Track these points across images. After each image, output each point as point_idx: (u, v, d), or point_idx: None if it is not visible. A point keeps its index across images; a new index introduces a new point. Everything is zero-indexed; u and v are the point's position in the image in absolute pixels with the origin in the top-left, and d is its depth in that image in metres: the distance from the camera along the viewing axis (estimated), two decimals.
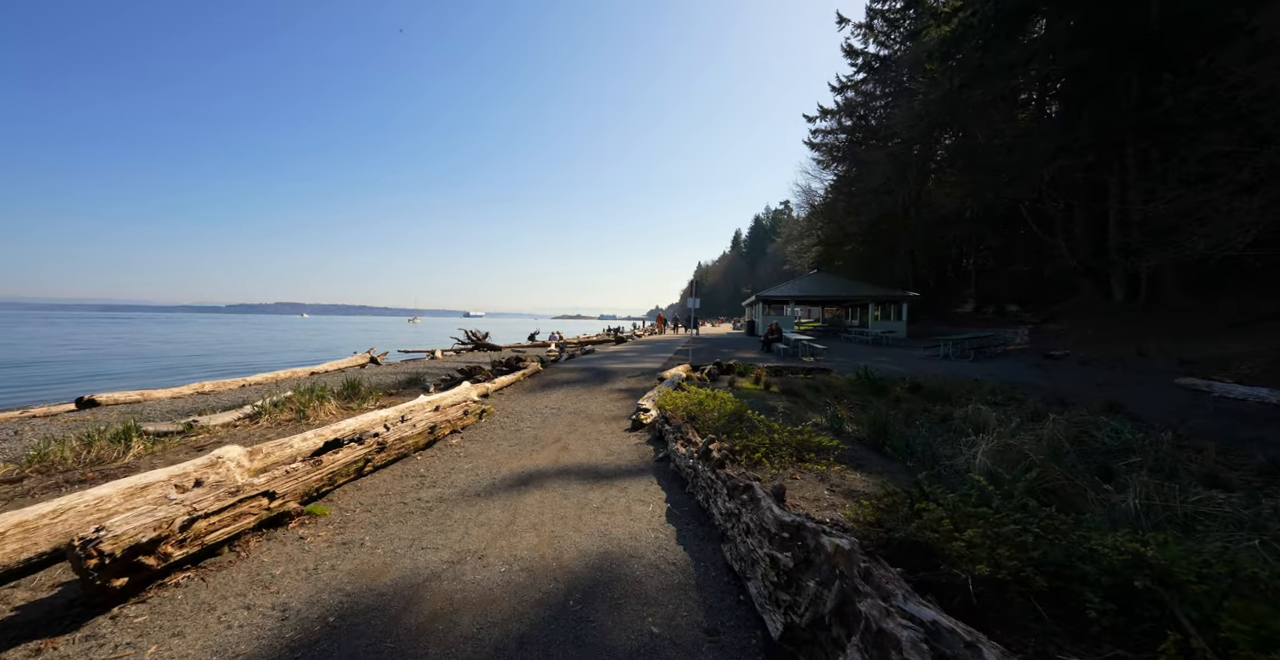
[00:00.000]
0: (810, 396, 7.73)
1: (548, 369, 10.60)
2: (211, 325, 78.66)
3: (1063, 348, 13.25)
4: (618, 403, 7.11)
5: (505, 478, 3.86)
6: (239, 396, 7.44)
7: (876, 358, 13.49)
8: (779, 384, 8.38)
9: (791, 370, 9.84)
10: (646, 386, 8.39)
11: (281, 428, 5.21)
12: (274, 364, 18.56)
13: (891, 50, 35.08)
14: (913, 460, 4.38)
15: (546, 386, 8.46)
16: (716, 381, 8.78)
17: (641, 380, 9.03)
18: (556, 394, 7.76)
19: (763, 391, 7.86)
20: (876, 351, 15.70)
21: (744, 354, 14.95)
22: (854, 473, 3.87)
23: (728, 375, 9.32)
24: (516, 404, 6.98)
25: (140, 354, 21.81)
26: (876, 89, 36.43)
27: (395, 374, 10.52)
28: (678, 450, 3.95)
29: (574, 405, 6.90)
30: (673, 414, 5.25)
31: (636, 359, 12.87)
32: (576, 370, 10.33)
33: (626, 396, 7.54)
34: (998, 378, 9.81)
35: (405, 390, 8.10)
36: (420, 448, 4.49)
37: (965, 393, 8.48)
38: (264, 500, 2.62)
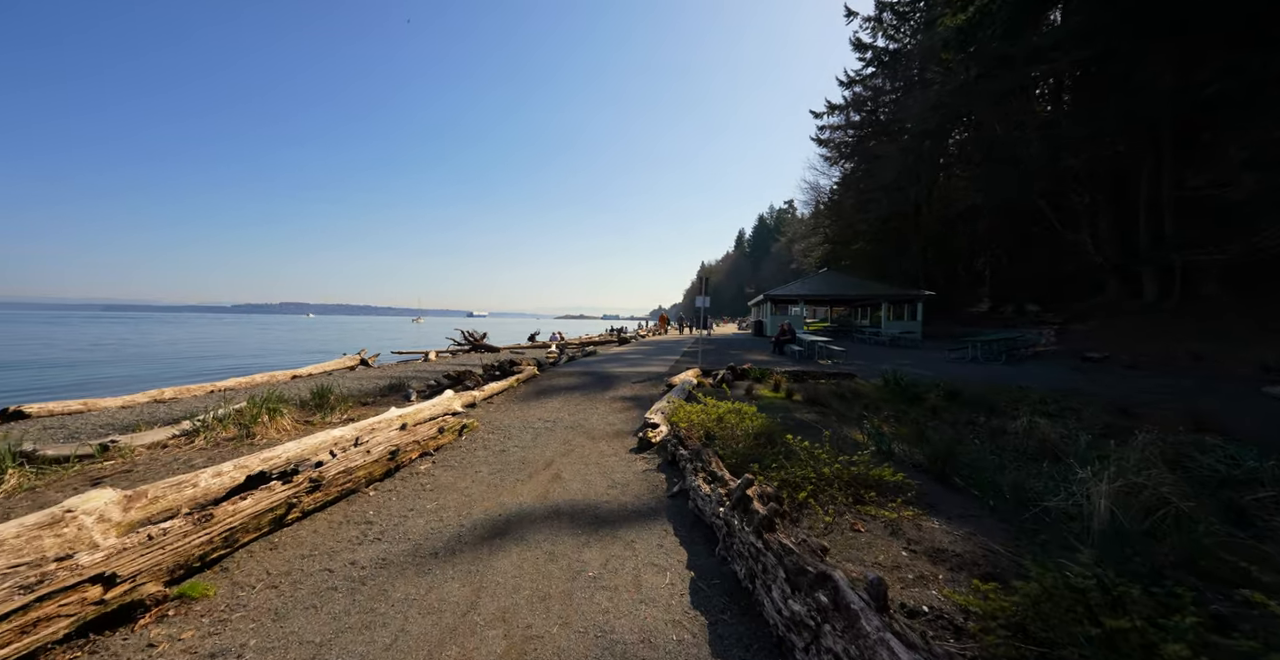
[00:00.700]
0: (839, 406, 6.81)
1: (545, 373, 9.71)
2: (214, 325, 78.20)
3: (1099, 350, 12.27)
4: (621, 414, 6.21)
5: (476, 524, 2.96)
6: (201, 404, 6.59)
7: (898, 360, 12.54)
8: (801, 391, 7.46)
9: (811, 375, 8.92)
10: (653, 394, 7.49)
11: (218, 449, 4.33)
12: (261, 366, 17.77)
13: (901, 44, 34.09)
14: (995, 497, 3.46)
15: (542, 394, 7.57)
16: (731, 388, 7.87)
17: (647, 387, 8.13)
18: (553, 403, 6.87)
19: (785, 401, 6.94)
20: (895, 353, 14.73)
21: (755, 356, 14.03)
22: (930, 519, 2.95)
23: (743, 381, 8.40)
24: (506, 416, 6.09)
25: (119, 357, 20.91)
26: (886, 83, 35.42)
27: (380, 378, 9.67)
28: (699, 488, 3.05)
29: (571, 417, 6.01)
30: (688, 433, 4.34)
31: (641, 362, 11.97)
32: (576, 374, 9.45)
33: (631, 406, 6.64)
34: (1039, 383, 8.85)
35: (383, 398, 7.23)
36: (377, 478, 3.60)
37: (1011, 401, 7.53)
38: (94, 590, 1.74)
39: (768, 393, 7.47)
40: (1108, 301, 19.18)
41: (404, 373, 10.98)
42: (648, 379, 8.93)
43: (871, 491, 3.14)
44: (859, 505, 3.04)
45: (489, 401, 6.96)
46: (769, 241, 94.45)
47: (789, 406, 6.55)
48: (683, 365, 11.01)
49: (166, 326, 63.32)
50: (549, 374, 9.58)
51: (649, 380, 8.75)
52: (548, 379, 8.98)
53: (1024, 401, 7.52)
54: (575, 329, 66.40)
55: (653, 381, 8.61)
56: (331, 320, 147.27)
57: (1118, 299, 18.73)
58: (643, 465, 4.19)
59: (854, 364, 11.58)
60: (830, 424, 5.94)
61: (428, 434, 4.30)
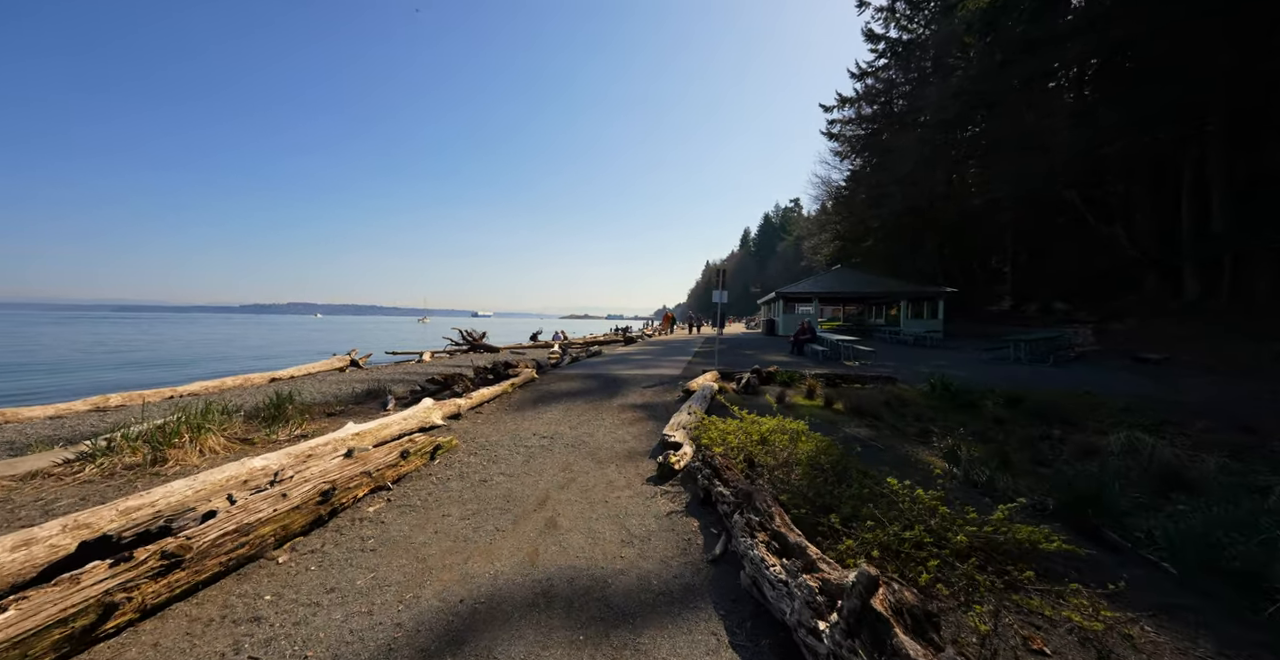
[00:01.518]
0: (890, 418, 5.72)
1: (545, 376, 8.66)
2: (222, 325, 77.79)
3: (1150, 351, 11.10)
4: (633, 427, 5.15)
5: (422, 623, 1.90)
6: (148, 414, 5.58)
7: (930, 361, 11.40)
8: (840, 399, 6.36)
9: (845, 379, 7.82)
10: (668, 402, 6.42)
11: (111, 480, 3.30)
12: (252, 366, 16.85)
13: (915, 34, 32.89)
14: (1180, 561, 2.37)
15: (540, 401, 6.52)
16: (756, 394, 6.78)
17: (661, 392, 7.06)
18: (552, 413, 5.81)
19: (825, 411, 5.86)
20: (924, 354, 13.57)
21: (771, 356, 12.92)
22: (1137, 621, 1.86)
23: (770, 386, 7.31)
24: (496, 429, 5.04)
25: (89, 362, 19.71)
26: (899, 75, 34.17)
27: (364, 381, 8.66)
28: (762, 563, 1.97)
29: (573, 431, 4.95)
30: (725, 462, 3.27)
31: (651, 363, 10.90)
32: (580, 377, 8.39)
33: (644, 417, 5.58)
34: (1102, 388, 7.71)
35: (357, 406, 6.19)
36: (298, 532, 2.55)
37: (1085, 411, 6.41)
38: None
39: (802, 400, 6.37)
40: (1145, 299, 17.90)
41: (392, 375, 9.97)
42: (660, 383, 7.86)
43: (1025, 567, 2.05)
44: (1013, 594, 1.96)
45: (477, 411, 5.91)
46: (775, 240, 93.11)
47: (833, 418, 5.46)
48: (697, 367, 9.93)
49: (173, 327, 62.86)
50: (549, 377, 8.53)
51: (662, 385, 7.68)
52: (547, 383, 7.92)
53: (1100, 411, 6.39)
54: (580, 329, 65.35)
55: (666, 386, 7.54)
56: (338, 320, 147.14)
57: (1156, 296, 17.46)
58: (666, 504, 3.12)
59: (885, 366, 10.45)
60: (886, 440, 4.85)
61: (383, 462, 3.25)
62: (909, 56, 33.01)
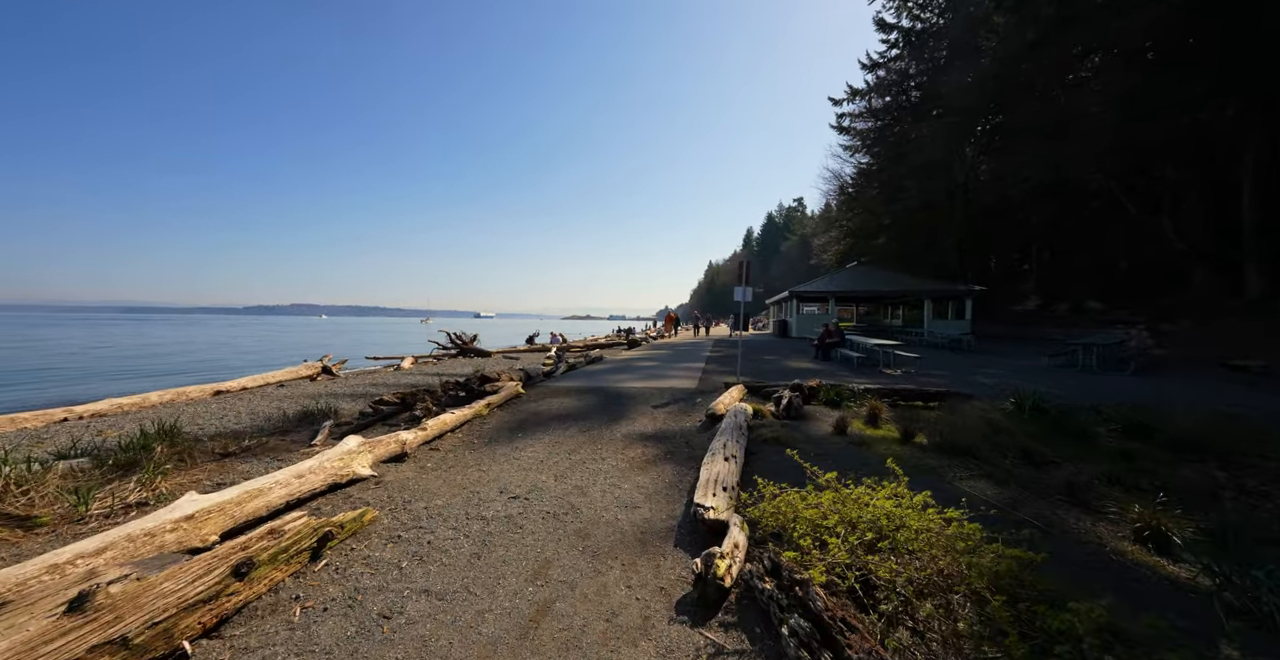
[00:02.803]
0: (987, 454, 4.12)
1: (534, 390, 7.10)
2: (222, 326, 76.39)
3: (1241, 357, 9.47)
4: (645, 475, 3.58)
5: None
6: None
7: (983, 370, 9.79)
8: (912, 425, 4.78)
9: (903, 395, 6.23)
10: (686, 428, 4.86)
11: None
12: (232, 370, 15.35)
13: (927, 23, 31.32)
14: None
15: (522, 429, 4.96)
16: (803, 419, 5.20)
17: (676, 414, 5.50)
18: (533, 449, 4.25)
19: (905, 446, 4.27)
20: (968, 360, 11.89)
21: (794, 363, 11.34)
22: None
23: (814, 404, 5.72)
24: (447, 482, 3.47)
25: (37, 370, 17.73)
26: (912, 66, 32.55)
27: (313, 397, 7.12)
28: None
29: (558, 484, 3.40)
30: (831, 605, 1.70)
31: (659, 371, 9.34)
32: (575, 392, 6.83)
33: (658, 455, 4.02)
34: (1228, 406, 6.09)
35: (276, 438, 4.63)
36: None
37: (1244, 441, 4.80)
38: None
39: (868, 430, 4.79)
40: (1197, 297, 16.21)
41: (355, 387, 8.44)
42: (673, 400, 6.30)
43: None
44: None
45: (433, 446, 4.35)
46: (778, 240, 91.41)
47: (922, 460, 3.88)
48: (715, 377, 8.36)
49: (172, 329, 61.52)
50: (539, 391, 6.97)
51: (676, 403, 6.12)
52: (535, 400, 6.36)
53: (1267, 442, 4.79)
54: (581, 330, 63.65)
55: (682, 405, 5.97)
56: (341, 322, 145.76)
57: (1210, 294, 15.78)
58: None
59: (933, 375, 8.86)
60: (1024, 502, 3.26)
61: (176, 600, 1.69)
62: (922, 46, 31.40)
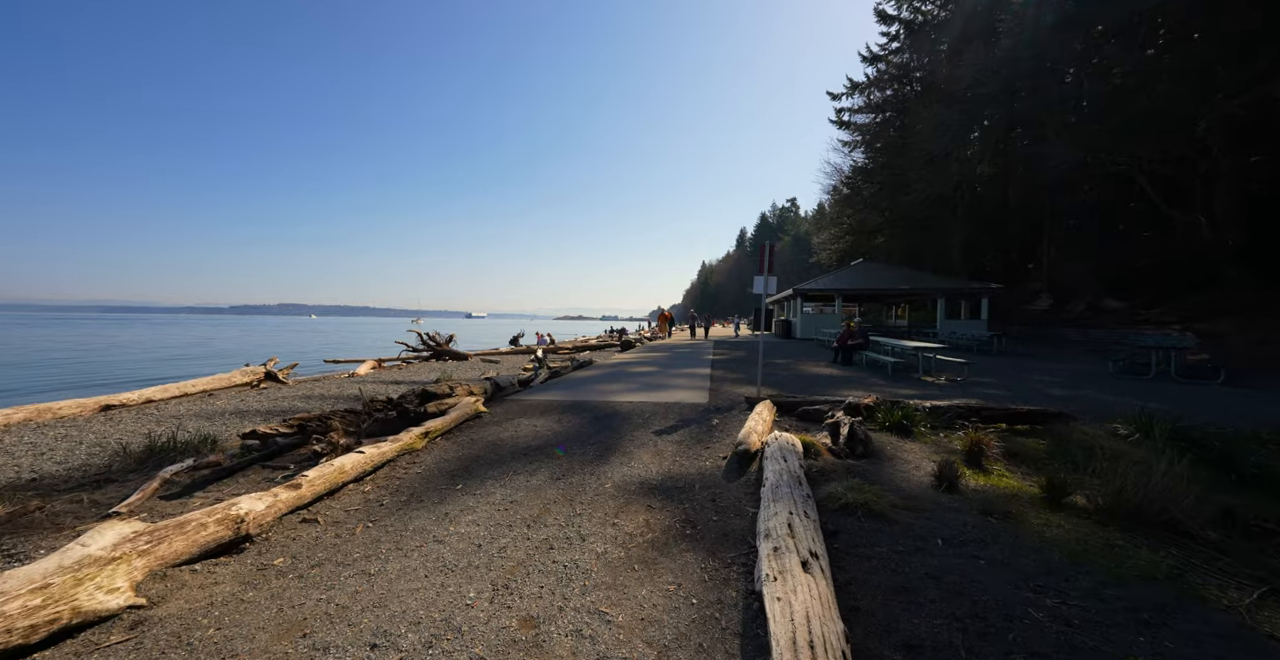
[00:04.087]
0: (1193, 524, 2.62)
1: (501, 406, 5.49)
2: (207, 326, 73.27)
3: None
4: (654, 580, 1.99)
5: None
6: None
7: (1036, 376, 8.36)
8: (1030, 466, 3.27)
9: (982, 414, 4.72)
10: (705, 471, 3.30)
11: None
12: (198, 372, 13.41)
13: (929, 16, 30.28)
14: None
15: (464, 475, 3.35)
16: (877, 459, 3.67)
17: (690, 445, 3.94)
18: (470, 519, 2.64)
19: (1052, 511, 2.73)
20: (1013, 365, 10.41)
21: (811, 368, 9.85)
22: None
23: (875, 430, 4.18)
24: (277, 614, 1.85)
25: None
26: (914, 59, 31.42)
27: (210, 416, 5.46)
28: None
29: (495, 608, 1.80)
30: None
31: (659, 379, 7.77)
32: (553, 410, 5.24)
33: (673, 533, 2.43)
34: None
35: (94, 491, 2.97)
36: None
37: None
38: None
39: (973, 475, 3.25)
40: (1229, 295, 15.04)
41: (293, 400, 6.75)
42: (682, 422, 4.73)
43: None
44: None
45: (314, 512, 2.73)
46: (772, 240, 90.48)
47: (1105, 542, 2.36)
48: (727, 386, 6.82)
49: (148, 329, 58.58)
50: (508, 408, 5.36)
51: (685, 427, 4.55)
52: (500, 422, 4.76)
53: None
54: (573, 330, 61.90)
55: (695, 431, 4.41)
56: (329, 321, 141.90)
57: (1244, 292, 14.60)
58: None
59: (983, 385, 7.39)
60: None
61: None
62: (925, 37, 30.31)
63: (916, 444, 3.96)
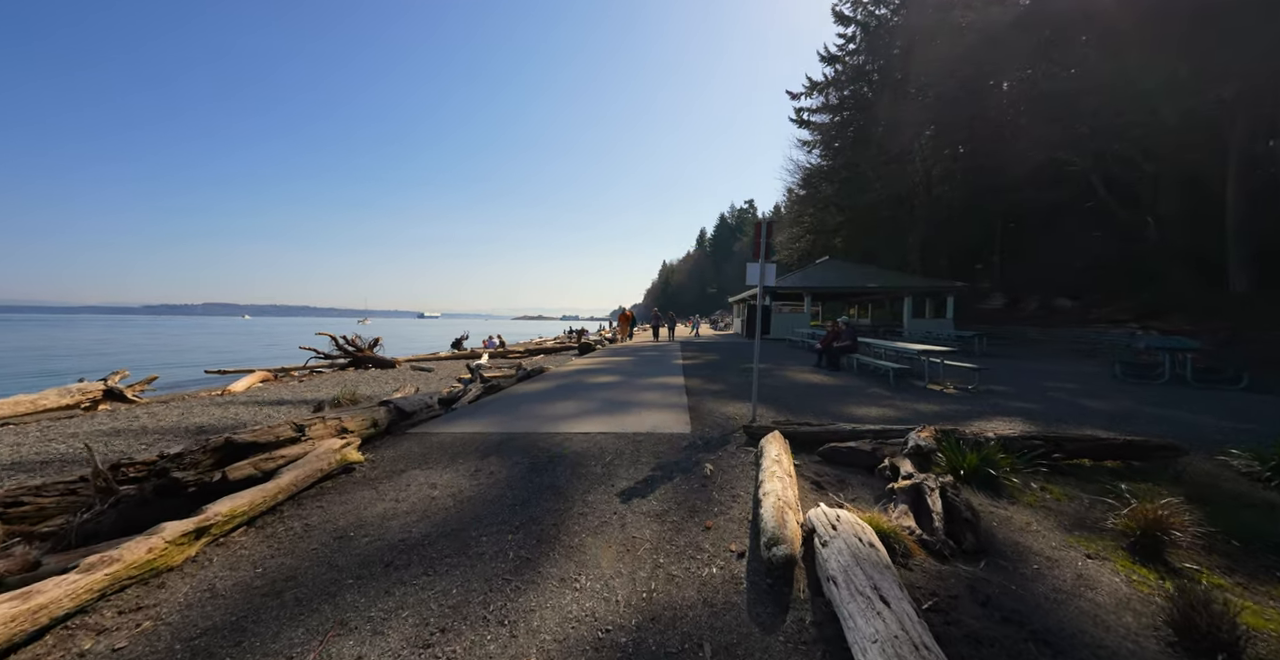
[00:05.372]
0: None
1: (396, 447, 3.71)
2: (104, 327, 63.82)
3: None
4: None
5: None
6: None
7: (1039, 384, 7.47)
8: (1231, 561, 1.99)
9: (1067, 447, 3.48)
10: (714, 602, 1.72)
11: None
12: None
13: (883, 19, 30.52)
14: None
15: (226, 639, 1.67)
16: (992, 557, 2.28)
17: (681, 520, 2.37)
18: None
19: None
20: (1005, 368, 9.65)
21: (793, 374, 8.61)
22: None
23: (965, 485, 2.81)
24: None
25: None
26: (870, 61, 31.60)
27: None
28: None
29: None
30: None
31: (623, 394, 6.17)
32: (468, 453, 3.51)
33: None
34: None
35: None
36: None
37: None
38: None
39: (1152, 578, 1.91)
40: (1175, 294, 15.37)
41: (101, 433, 4.59)
42: (660, 469, 3.17)
43: None
44: None
45: None
46: (731, 241, 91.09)
47: None
48: (708, 403, 5.32)
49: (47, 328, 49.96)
50: (403, 449, 3.58)
51: (668, 482, 2.99)
52: (375, 481, 3.00)
53: None
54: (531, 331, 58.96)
55: (682, 489, 2.86)
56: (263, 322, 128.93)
57: (1190, 290, 14.93)
58: None
59: (996, 395, 6.35)
60: None
61: None
62: (880, 39, 30.50)
63: (1018, 508, 2.61)
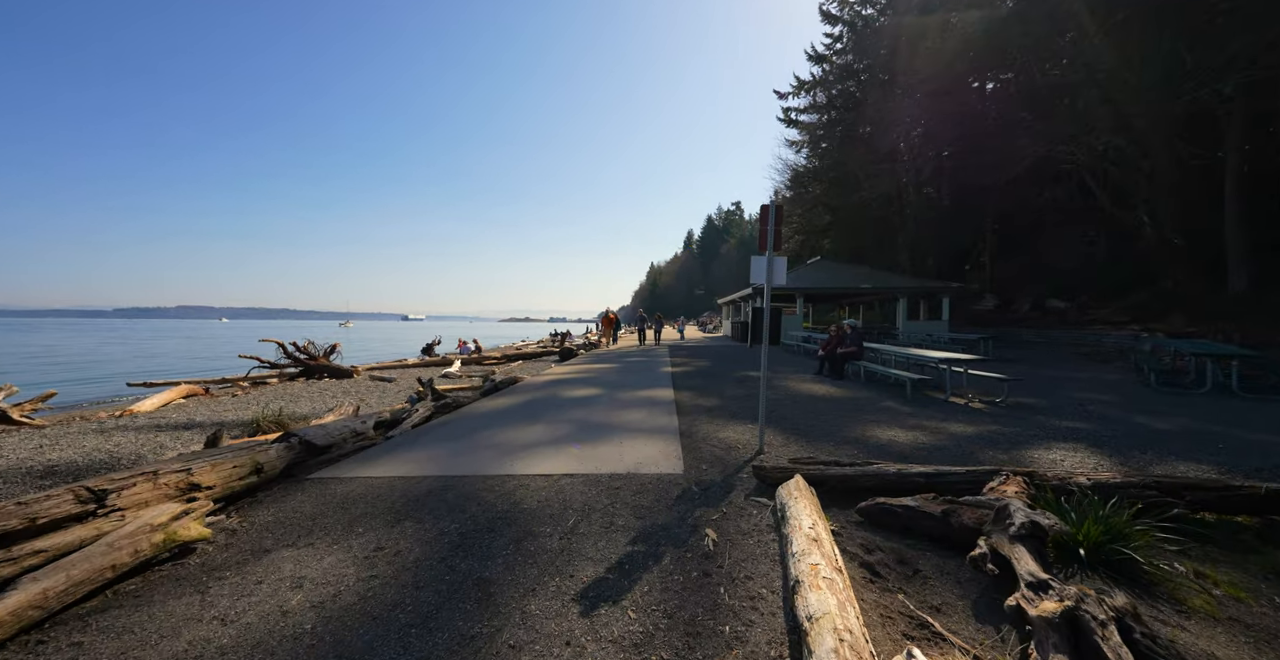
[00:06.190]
0: None
1: (274, 505, 2.65)
2: (66, 333, 60.26)
3: None
4: None
5: None
6: None
7: (1073, 395, 6.68)
8: None
9: (1182, 495, 2.60)
10: None
11: None
12: None
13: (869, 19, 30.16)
14: None
15: None
16: None
17: None
18: None
19: None
20: (1027, 378, 8.82)
21: (793, 383, 7.72)
22: None
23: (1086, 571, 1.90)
24: None
25: None
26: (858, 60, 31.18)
27: None
28: None
29: None
30: None
31: (601, 414, 5.17)
32: (376, 514, 2.46)
33: None
34: None
35: None
36: None
37: None
38: None
39: None
40: (1173, 293, 14.94)
41: None
42: (644, 546, 2.17)
43: None
44: None
45: None
46: (718, 243, 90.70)
47: None
48: (703, 425, 4.34)
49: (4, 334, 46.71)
50: (288, 506, 2.51)
51: (655, 567, 1.98)
52: (218, 573, 1.93)
53: None
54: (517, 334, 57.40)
55: (675, 586, 1.87)
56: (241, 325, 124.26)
57: (1188, 289, 14.50)
58: None
59: (1030, 408, 5.52)
60: None
61: None
62: (868, 38, 30.10)
63: (1195, 622, 1.68)
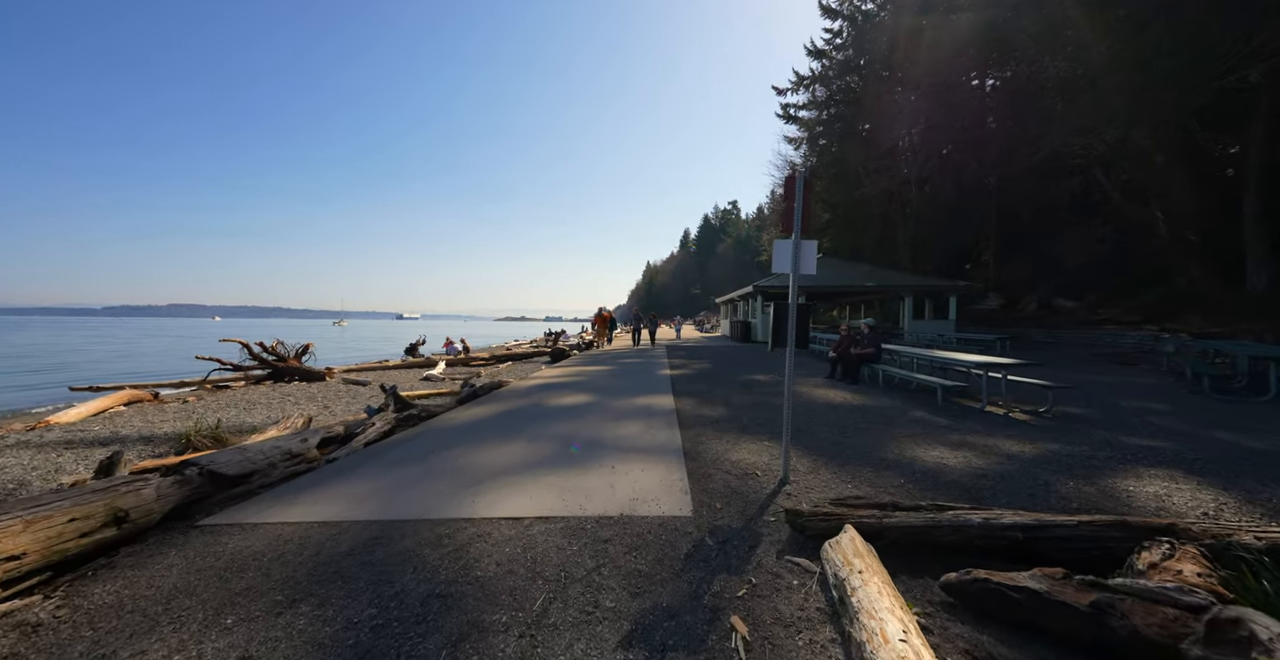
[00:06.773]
0: None
1: (132, 572, 1.89)
2: (54, 331, 58.59)
3: None
4: None
5: None
6: None
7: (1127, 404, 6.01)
8: None
9: None
10: None
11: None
12: None
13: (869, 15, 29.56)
14: None
15: None
16: None
17: None
18: None
19: None
20: (1059, 383, 8.17)
21: (802, 389, 7.01)
22: None
23: None
24: None
25: None
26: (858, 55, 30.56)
27: None
28: None
29: None
30: None
31: (592, 428, 4.44)
32: (267, 590, 1.71)
33: None
34: None
35: None
36: None
37: None
38: None
39: None
40: (1186, 292, 14.39)
41: None
42: (641, 640, 1.47)
43: None
44: None
45: None
46: (715, 242, 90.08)
47: None
48: (712, 443, 3.60)
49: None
50: (154, 567, 1.76)
51: None
52: None
53: None
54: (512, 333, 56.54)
55: None
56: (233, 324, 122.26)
57: (1204, 289, 13.95)
58: None
59: (1080, 419, 4.84)
60: None
61: None
62: (868, 33, 29.46)
63: None
